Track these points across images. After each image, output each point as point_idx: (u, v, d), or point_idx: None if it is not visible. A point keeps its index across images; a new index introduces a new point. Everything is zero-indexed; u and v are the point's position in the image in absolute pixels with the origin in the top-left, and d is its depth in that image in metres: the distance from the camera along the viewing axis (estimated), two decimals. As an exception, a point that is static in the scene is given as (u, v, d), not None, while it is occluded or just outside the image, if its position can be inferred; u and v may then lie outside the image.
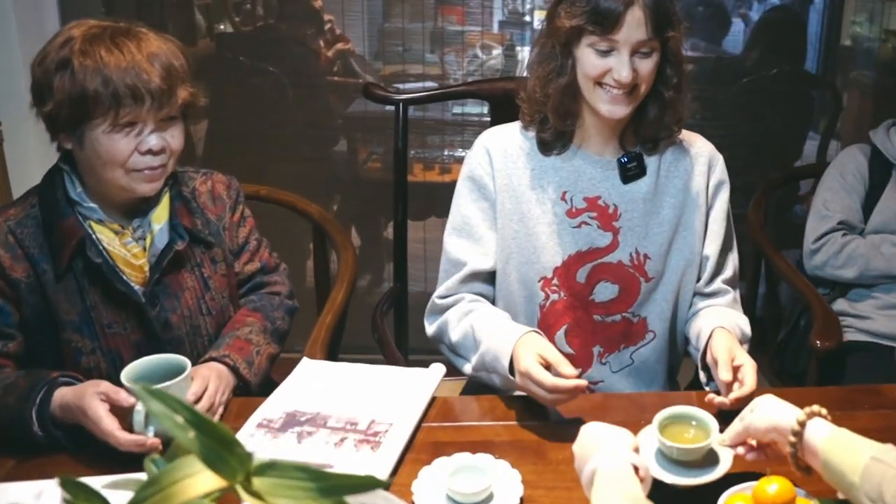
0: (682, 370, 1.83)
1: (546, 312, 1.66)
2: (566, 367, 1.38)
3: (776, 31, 3.26)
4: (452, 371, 1.66)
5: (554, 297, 1.65)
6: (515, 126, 1.68)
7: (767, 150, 3.33)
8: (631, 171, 1.61)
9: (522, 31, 3.32)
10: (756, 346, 2.26)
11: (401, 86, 3.29)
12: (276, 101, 3.20)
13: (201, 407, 1.37)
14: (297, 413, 1.44)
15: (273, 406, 1.46)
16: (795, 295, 2.30)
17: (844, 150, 2.35)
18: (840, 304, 2.23)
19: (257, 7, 3.40)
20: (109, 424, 1.27)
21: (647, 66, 1.50)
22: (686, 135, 1.67)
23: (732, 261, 1.70)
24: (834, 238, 2.22)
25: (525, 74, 1.69)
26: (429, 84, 3.30)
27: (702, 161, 1.65)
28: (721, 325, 1.53)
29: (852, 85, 3.39)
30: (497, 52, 3.30)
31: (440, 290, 1.68)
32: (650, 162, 1.64)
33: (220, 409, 1.44)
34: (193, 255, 1.58)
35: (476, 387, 1.73)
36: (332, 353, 1.99)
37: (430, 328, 1.70)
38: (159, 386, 1.31)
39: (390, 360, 1.93)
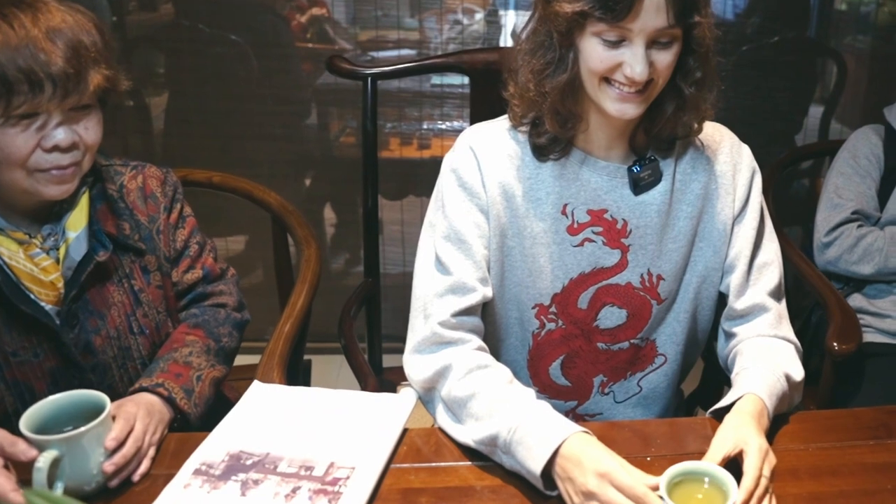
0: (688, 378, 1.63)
1: (540, 342, 1.43)
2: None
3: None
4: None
5: (550, 326, 1.42)
6: (503, 124, 1.40)
7: (769, 122, 3.12)
8: (644, 180, 1.35)
9: (506, -6, 3.08)
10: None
11: (376, 54, 3.05)
12: (240, 74, 2.94)
13: (125, 453, 1.14)
14: (243, 455, 1.22)
15: (215, 445, 1.24)
16: (806, 287, 2.09)
17: (856, 132, 2.13)
18: (857, 301, 2.03)
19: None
20: (2, 485, 1.04)
21: (665, 58, 1.23)
22: (704, 127, 1.39)
23: (775, 267, 1.42)
24: (848, 230, 2.01)
25: (510, 44, 1.42)
26: (405, 52, 3.07)
27: (723, 159, 1.39)
28: (754, 392, 1.24)
29: (847, 51, 3.19)
30: (479, 16, 3.07)
31: (441, 317, 1.32)
32: (665, 166, 1.37)
33: (152, 452, 1.21)
34: (121, 264, 1.34)
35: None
36: (296, 359, 1.78)
37: (422, 367, 1.34)
38: (70, 433, 1.10)
39: (358, 374, 1.72)
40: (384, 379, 2.09)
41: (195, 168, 1.92)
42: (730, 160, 1.39)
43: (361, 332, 2.06)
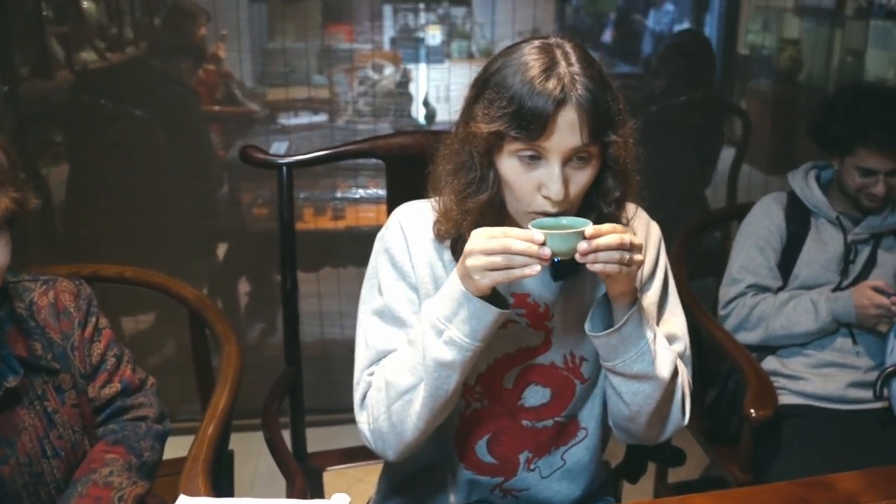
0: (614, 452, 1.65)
1: (466, 419, 1.43)
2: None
3: (684, 56, 3.15)
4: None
5: (475, 405, 1.42)
6: (434, 206, 1.40)
7: (678, 181, 3.20)
8: (563, 266, 1.35)
9: (415, 49, 3.11)
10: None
11: (286, 120, 3.03)
12: (145, 150, 2.86)
13: None
14: (170, 583, 1.17)
15: (139, 575, 1.19)
16: (721, 353, 2.14)
17: (758, 204, 2.21)
18: (771, 363, 2.09)
19: (125, 30, 3.01)
20: None
21: (582, 177, 1.25)
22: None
23: (680, 341, 1.44)
24: (743, 302, 2.10)
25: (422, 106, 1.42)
26: (317, 118, 3.07)
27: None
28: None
29: (750, 94, 3.34)
30: (389, 70, 3.09)
31: (368, 370, 1.37)
32: None
33: (71, 588, 1.15)
34: (32, 386, 1.28)
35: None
36: (218, 456, 1.72)
37: (364, 410, 1.36)
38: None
39: (285, 470, 1.67)
40: (310, 465, 2.05)
41: (104, 257, 1.86)
42: (642, 242, 1.42)
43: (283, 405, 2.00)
